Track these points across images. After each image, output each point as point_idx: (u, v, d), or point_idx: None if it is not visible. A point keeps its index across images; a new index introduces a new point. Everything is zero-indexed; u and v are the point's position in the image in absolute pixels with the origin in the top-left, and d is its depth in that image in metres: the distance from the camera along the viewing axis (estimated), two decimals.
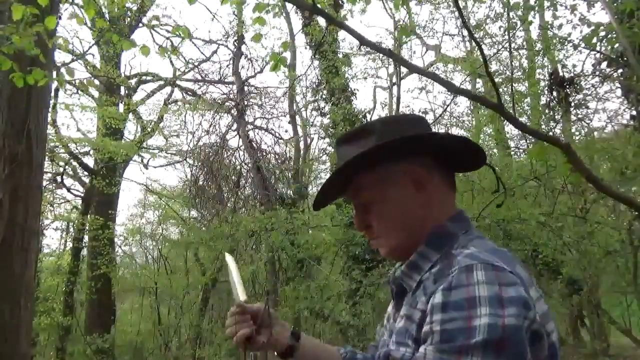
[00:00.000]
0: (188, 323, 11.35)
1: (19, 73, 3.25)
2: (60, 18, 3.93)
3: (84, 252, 11.23)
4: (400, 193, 0.98)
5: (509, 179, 5.56)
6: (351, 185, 1.00)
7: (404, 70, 10.11)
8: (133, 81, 12.39)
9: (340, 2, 8.94)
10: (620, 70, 5.93)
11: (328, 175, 1.03)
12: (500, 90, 7.11)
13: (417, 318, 0.85)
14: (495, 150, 9.60)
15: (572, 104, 6.66)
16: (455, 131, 10.48)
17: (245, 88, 12.07)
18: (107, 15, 8.59)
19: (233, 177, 11.81)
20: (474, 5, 9.46)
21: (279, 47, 13.02)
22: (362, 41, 2.57)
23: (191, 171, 12.25)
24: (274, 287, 9.53)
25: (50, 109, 5.25)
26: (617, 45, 4.83)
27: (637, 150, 4.34)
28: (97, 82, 10.70)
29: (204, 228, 11.34)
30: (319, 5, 2.82)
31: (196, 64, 12.60)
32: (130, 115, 12.07)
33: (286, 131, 12.91)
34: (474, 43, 8.18)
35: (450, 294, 0.78)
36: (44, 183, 9.50)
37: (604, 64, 6.09)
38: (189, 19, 31.50)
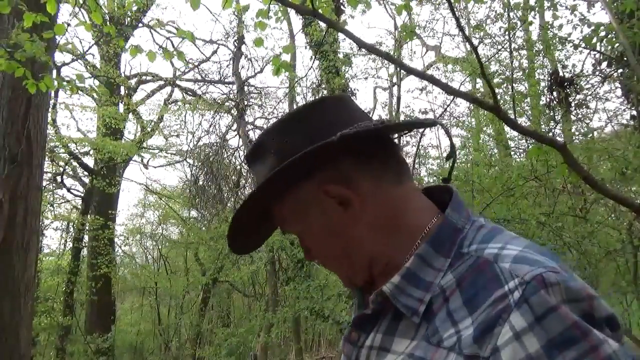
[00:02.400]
0: (188, 323, 11.36)
1: (31, 80, 3.30)
2: (69, 25, 3.96)
3: (84, 252, 11.24)
4: (325, 217, 0.74)
5: (509, 179, 5.56)
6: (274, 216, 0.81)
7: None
8: (133, 81, 12.39)
9: (342, 7, 8.95)
10: (620, 70, 5.93)
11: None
12: (501, 90, 7.13)
13: None
14: (495, 150, 9.60)
15: (572, 104, 6.66)
16: (455, 131, 10.49)
17: (245, 88, 12.07)
18: (106, 16, 8.59)
19: (233, 177, 11.81)
20: (474, 6, 9.47)
21: (280, 49, 13.01)
22: (361, 45, 2.57)
23: (191, 171, 12.26)
24: (274, 287, 9.54)
25: (50, 109, 5.25)
26: (617, 45, 4.83)
27: (637, 150, 4.34)
28: (97, 82, 10.70)
29: (204, 228, 11.34)
30: (320, 11, 2.83)
31: (196, 64, 12.61)
32: (130, 115, 12.07)
33: None
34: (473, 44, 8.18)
35: (545, 327, 0.51)
36: (44, 183, 9.50)
37: (604, 64, 6.09)
38: (189, 19, 31.49)
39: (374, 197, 0.73)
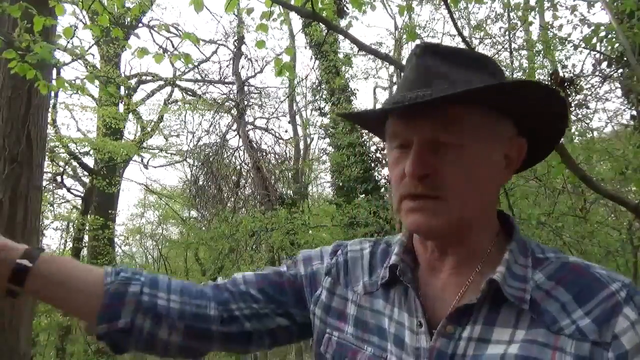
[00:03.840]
0: None
1: (43, 82, 3.34)
2: (77, 28, 4.00)
3: (84, 252, 11.24)
4: (495, 156, 0.74)
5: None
6: (435, 113, 0.70)
7: None
8: (133, 81, 12.40)
9: (345, 9, 8.95)
10: (620, 70, 5.93)
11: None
12: None
13: (574, 348, 0.64)
14: None
15: (572, 104, 6.66)
16: None
17: (245, 88, 12.08)
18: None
19: (233, 177, 11.82)
20: (474, 6, 9.47)
21: (282, 50, 13.03)
22: (361, 47, 2.58)
23: (191, 171, 12.27)
24: None
25: (50, 109, 5.26)
26: (617, 45, 4.83)
27: (637, 150, 4.34)
28: (97, 82, 10.70)
29: (204, 228, 11.35)
30: (324, 13, 2.83)
31: (196, 64, 12.61)
32: (130, 115, 12.07)
33: (286, 131, 12.96)
34: (473, 44, 8.19)
35: None
36: (44, 183, 9.50)
37: (604, 64, 6.09)
38: (189, 19, 31.55)
39: (512, 172, 0.78)
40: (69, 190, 11.66)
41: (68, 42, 3.58)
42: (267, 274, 0.91)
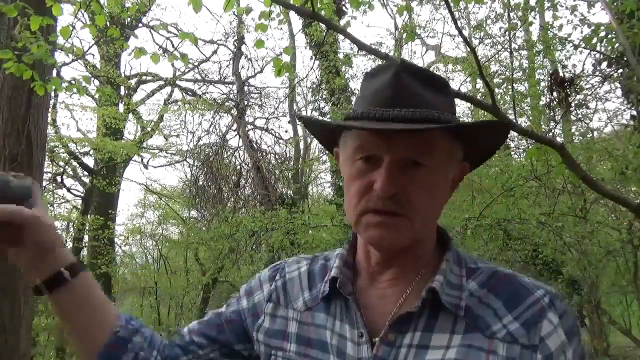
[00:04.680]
0: (188, 323, 11.37)
1: (39, 82, 3.32)
2: (74, 28, 3.99)
3: (84, 252, 11.24)
4: (449, 179, 0.80)
5: (509, 179, 5.56)
6: (414, 135, 0.73)
7: None
8: (133, 81, 12.39)
9: (344, 8, 8.95)
10: (620, 70, 5.94)
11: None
12: (501, 90, 7.13)
13: (505, 351, 0.70)
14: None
15: (572, 104, 6.66)
16: None
17: (245, 88, 12.08)
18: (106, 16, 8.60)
19: (233, 177, 11.81)
20: (474, 6, 9.47)
21: (280, 49, 13.02)
22: (361, 46, 2.58)
23: (191, 171, 12.27)
24: None
25: (50, 109, 5.26)
26: (617, 45, 4.83)
27: (637, 150, 4.34)
28: (96, 82, 10.70)
29: (204, 228, 11.34)
30: (322, 12, 2.83)
31: (196, 64, 12.61)
32: (130, 115, 12.07)
33: (286, 131, 12.96)
34: (473, 44, 8.18)
35: (564, 322, 0.73)
36: (44, 183, 9.50)
37: (604, 64, 6.09)
38: (189, 19, 31.56)
39: (452, 193, 0.84)
40: (69, 190, 11.67)
41: (66, 42, 3.58)
42: (208, 318, 0.95)
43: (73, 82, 3.70)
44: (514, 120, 3.39)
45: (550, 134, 6.37)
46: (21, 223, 0.77)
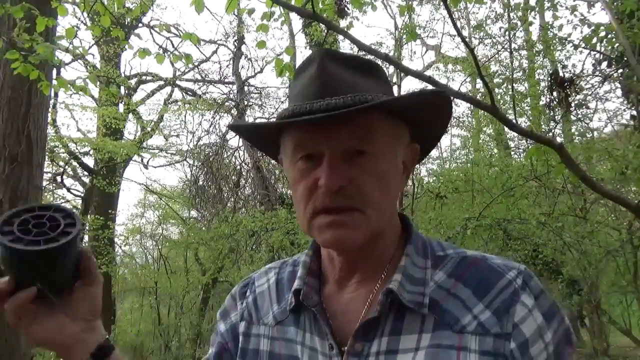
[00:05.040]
0: (188, 323, 11.36)
1: (46, 82, 3.36)
2: (78, 29, 4.01)
3: None
4: (398, 164, 0.75)
5: (509, 179, 5.56)
6: (351, 123, 0.68)
7: None
8: (133, 81, 12.39)
9: (346, 9, 8.94)
10: (620, 70, 5.94)
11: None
12: (501, 90, 7.13)
13: (477, 345, 0.65)
14: (495, 150, 9.60)
15: (572, 104, 6.66)
16: (455, 131, 10.50)
17: (245, 88, 12.08)
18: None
19: (233, 177, 11.81)
20: (474, 6, 9.47)
21: (281, 49, 13.01)
22: (360, 46, 2.59)
23: (191, 171, 12.26)
24: None
25: (50, 109, 5.27)
26: (617, 45, 4.83)
27: (637, 150, 4.34)
28: (93, 86, 10.70)
29: (204, 228, 11.34)
30: (325, 14, 2.83)
31: (196, 64, 12.61)
32: (130, 115, 12.07)
33: None
34: (473, 44, 8.19)
35: (540, 304, 0.68)
36: (44, 183, 9.50)
37: (604, 64, 6.09)
38: (189, 19, 31.57)
39: (407, 178, 0.79)
40: (69, 190, 11.67)
41: (70, 43, 3.60)
42: None
43: (75, 82, 3.71)
44: (514, 120, 3.38)
45: (551, 134, 6.37)
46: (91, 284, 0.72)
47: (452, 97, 0.72)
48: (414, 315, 0.69)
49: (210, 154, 11.62)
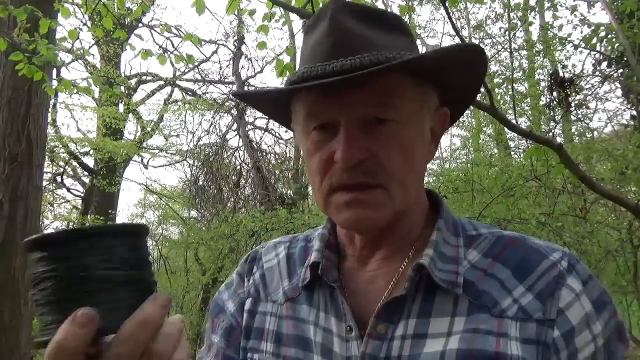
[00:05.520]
0: (188, 323, 11.36)
1: (48, 83, 3.39)
2: (81, 30, 4.03)
3: None
4: (426, 132, 0.66)
5: (509, 179, 5.56)
6: (369, 86, 0.60)
7: None
8: (133, 81, 12.39)
9: None
10: (620, 70, 5.94)
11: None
12: (501, 90, 7.12)
13: (518, 331, 0.57)
14: (495, 150, 9.60)
15: (572, 104, 6.66)
16: (455, 131, 10.50)
17: (245, 88, 12.07)
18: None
19: (233, 177, 11.80)
20: (474, 6, 9.47)
21: (281, 49, 13.01)
22: None
23: (191, 171, 12.25)
24: None
25: (50, 109, 5.27)
26: (617, 45, 4.83)
27: (637, 150, 4.34)
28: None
29: (204, 228, 11.34)
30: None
31: (196, 64, 12.60)
32: (130, 115, 12.07)
33: (286, 131, 12.91)
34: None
35: (589, 290, 0.60)
36: (44, 183, 9.50)
37: (604, 64, 6.10)
38: (189, 19, 31.56)
39: (436, 147, 0.70)
40: (69, 190, 11.66)
41: (72, 44, 3.63)
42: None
43: (76, 82, 3.74)
44: (514, 120, 3.39)
45: (550, 134, 6.37)
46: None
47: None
48: (446, 296, 0.61)
49: (210, 154, 11.62)
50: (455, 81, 0.66)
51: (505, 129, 8.69)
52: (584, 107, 6.99)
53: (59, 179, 11.06)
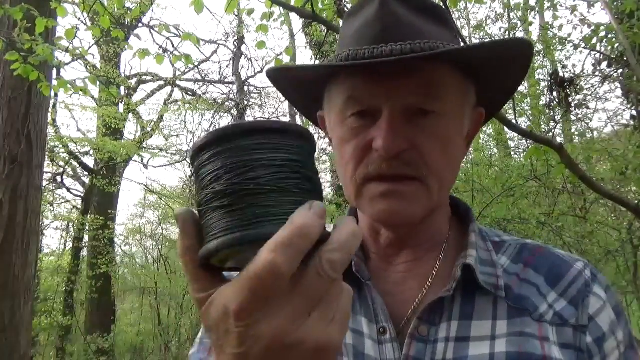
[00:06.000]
0: (188, 323, 11.36)
1: (46, 83, 3.37)
2: (78, 29, 4.03)
3: (84, 252, 11.23)
4: (465, 127, 0.64)
5: (509, 179, 5.56)
6: (416, 75, 0.58)
7: None
8: (133, 81, 12.39)
9: (346, 9, 8.94)
10: (620, 70, 5.94)
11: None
12: None
13: (556, 336, 0.58)
14: (495, 150, 9.59)
15: (572, 104, 6.67)
16: None
17: (245, 88, 12.08)
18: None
19: None
20: (474, 6, 9.47)
21: (281, 49, 13.01)
22: None
23: (191, 171, 12.25)
24: None
25: (50, 109, 5.27)
26: (617, 45, 4.83)
27: (637, 150, 4.34)
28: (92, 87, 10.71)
29: None
30: (324, 15, 2.84)
31: (196, 64, 12.61)
32: (130, 115, 12.07)
33: None
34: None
35: (609, 299, 0.63)
36: (44, 183, 9.50)
37: (604, 64, 6.09)
38: (189, 19, 31.58)
39: (469, 147, 0.68)
40: (69, 190, 11.66)
41: (70, 43, 3.61)
42: None
43: (75, 82, 3.72)
44: (514, 120, 3.39)
45: (550, 134, 6.37)
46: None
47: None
48: (486, 299, 0.60)
49: None
50: (495, 77, 0.64)
51: (506, 129, 8.69)
52: (584, 107, 6.99)
53: (59, 179, 11.06)
